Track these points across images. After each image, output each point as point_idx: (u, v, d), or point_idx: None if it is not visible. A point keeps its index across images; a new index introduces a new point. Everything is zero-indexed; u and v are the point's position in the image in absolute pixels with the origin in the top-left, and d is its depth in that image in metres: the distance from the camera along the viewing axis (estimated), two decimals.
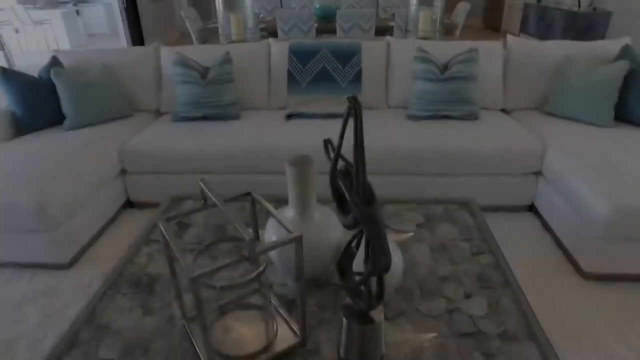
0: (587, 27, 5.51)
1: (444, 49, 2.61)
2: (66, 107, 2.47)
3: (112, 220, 2.41)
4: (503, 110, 2.72)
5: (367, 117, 2.51)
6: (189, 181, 2.39)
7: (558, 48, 2.61)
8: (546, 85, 2.62)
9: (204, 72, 2.56)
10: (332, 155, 0.96)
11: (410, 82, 2.61)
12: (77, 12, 10.20)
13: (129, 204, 2.55)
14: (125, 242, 2.24)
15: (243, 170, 2.32)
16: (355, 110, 0.82)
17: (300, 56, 2.58)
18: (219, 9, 3.14)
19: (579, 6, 5.71)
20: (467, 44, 2.62)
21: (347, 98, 0.79)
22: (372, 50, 2.64)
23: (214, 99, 2.46)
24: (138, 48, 2.81)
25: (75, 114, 2.47)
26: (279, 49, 2.68)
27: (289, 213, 1.18)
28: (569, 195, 1.95)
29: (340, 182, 0.92)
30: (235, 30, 3.12)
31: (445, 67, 2.48)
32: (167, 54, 2.76)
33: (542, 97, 2.65)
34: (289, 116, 2.48)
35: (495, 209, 2.40)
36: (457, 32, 4.78)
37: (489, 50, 2.62)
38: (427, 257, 1.40)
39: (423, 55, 2.41)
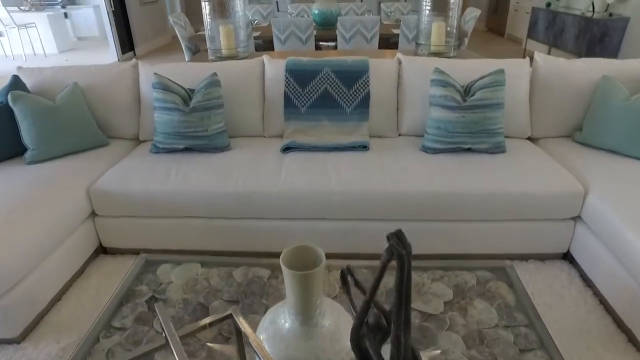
0: (602, 33, 5.20)
1: (464, 69, 2.28)
2: (26, 137, 2.12)
3: (80, 272, 2.07)
4: (530, 139, 2.39)
5: (375, 148, 2.18)
6: (171, 226, 2.05)
7: (591, 67, 2.29)
8: (579, 110, 2.29)
9: (188, 96, 2.22)
10: (351, 286, 0.63)
11: (424, 107, 2.28)
12: (66, 15, 9.82)
13: (102, 250, 2.21)
14: (95, 300, 1.90)
15: (232, 215, 1.98)
16: (401, 259, 0.48)
17: (298, 77, 2.24)
18: (206, 19, 2.79)
19: (593, 11, 5.38)
20: (491, 64, 2.29)
21: (389, 238, 0.46)
22: (380, 70, 2.31)
23: (199, 129, 2.12)
24: (114, 65, 2.47)
25: (38, 145, 2.13)
26: (274, 68, 2.34)
27: (286, 320, 0.85)
28: (616, 247, 1.63)
29: (366, 342, 0.60)
30: (226, 43, 2.77)
31: (466, 91, 2.15)
32: (147, 73, 2.41)
33: (575, 124, 2.32)
34: (286, 148, 2.14)
35: (525, 257, 2.07)
36: (466, 41, 4.45)
37: (514, 69, 2.29)
38: (462, 352, 1.08)
39: (441, 77, 2.08)
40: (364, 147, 2.12)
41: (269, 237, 2.02)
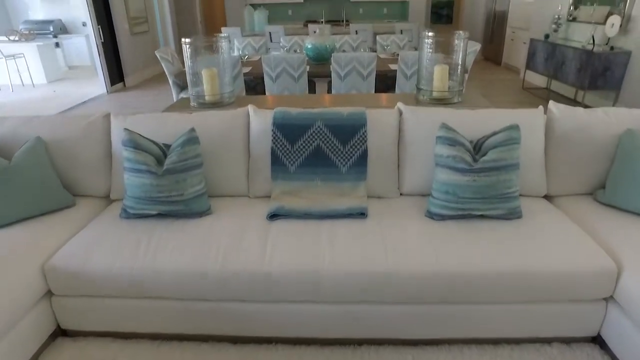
0: (604, 67, 5.05)
1: (473, 121, 2.05)
2: None
3: (35, 359, 1.77)
4: (546, 197, 2.14)
5: (374, 213, 1.92)
6: (140, 307, 1.77)
7: (613, 118, 2.06)
8: (600, 166, 2.06)
9: (162, 153, 1.97)
10: None
11: (428, 163, 2.03)
12: (57, 44, 9.68)
13: (61, 332, 1.92)
14: None
15: (210, 297, 1.70)
16: None
17: (287, 132, 2.00)
18: (187, 62, 2.56)
19: (594, 44, 5.25)
20: (502, 115, 2.06)
21: None
22: (379, 122, 2.07)
23: (173, 193, 1.86)
24: (81, 118, 2.22)
25: None
26: (260, 120, 2.10)
27: None
28: None
29: None
30: (209, 89, 2.54)
31: (476, 148, 1.92)
32: (119, 125, 2.17)
33: (596, 181, 2.09)
34: (273, 215, 1.88)
35: (548, 340, 1.80)
36: (467, 76, 4.27)
37: (527, 121, 2.06)
38: None
39: (448, 135, 1.84)
40: (362, 214, 1.86)
41: (252, 321, 1.74)
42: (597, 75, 5.08)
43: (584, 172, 2.09)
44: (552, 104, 2.13)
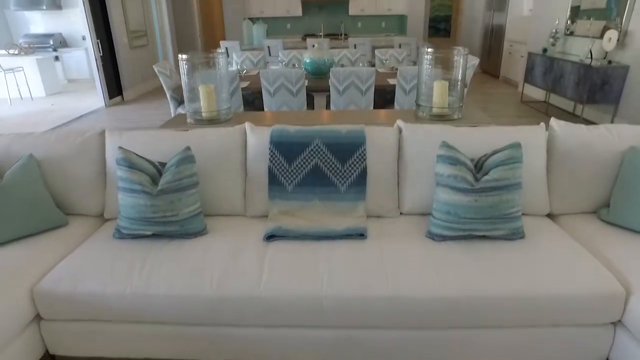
0: (602, 81, 5.05)
1: (473, 139, 2.01)
2: None
3: None
4: (549, 216, 2.10)
5: (373, 234, 1.87)
6: (132, 332, 1.71)
7: (616, 135, 2.03)
8: (604, 184, 2.02)
9: (158, 172, 1.93)
10: None
11: (429, 182, 1.99)
12: (57, 58, 9.72)
13: (50, 358, 1.85)
14: None
15: (205, 322, 1.65)
16: None
17: (285, 150, 1.96)
18: (183, 78, 2.53)
19: (592, 58, 5.26)
20: (503, 132, 2.03)
21: None
22: (379, 140, 2.03)
23: (168, 213, 1.82)
24: (76, 134, 2.18)
25: None
26: (257, 138, 2.06)
27: None
28: None
29: None
30: (206, 105, 2.51)
31: (477, 167, 1.88)
32: (114, 142, 2.13)
33: (599, 199, 2.05)
34: (270, 236, 1.83)
35: None
36: (466, 90, 4.26)
37: (529, 138, 2.03)
38: None
39: (449, 153, 1.81)
40: (361, 235, 1.81)
41: (249, 347, 1.68)
42: (596, 89, 5.08)
43: (587, 190, 2.05)
44: (553, 120, 2.10)
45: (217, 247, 1.80)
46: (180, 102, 4.55)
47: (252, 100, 4.37)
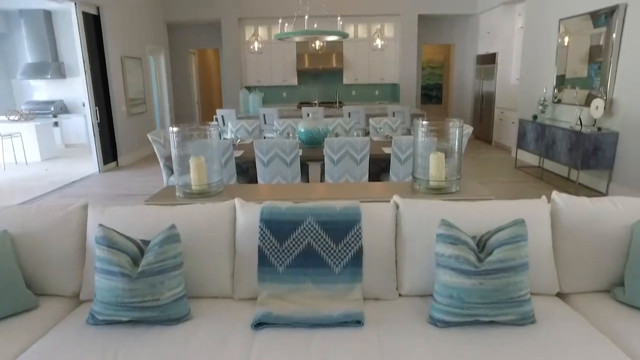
0: (594, 147, 5.10)
1: (474, 214, 1.92)
2: None
3: None
4: (559, 295, 1.97)
5: (371, 319, 1.72)
6: None
7: (622, 209, 1.95)
8: (614, 260, 1.91)
9: (140, 251, 1.80)
10: None
11: (429, 261, 1.88)
12: (56, 124, 9.87)
13: None
14: None
15: None
16: None
17: (275, 229, 1.86)
18: (173, 150, 2.48)
19: (581, 125, 5.36)
20: (504, 206, 1.95)
21: None
22: (375, 217, 1.94)
23: (147, 298, 1.67)
24: (58, 208, 2.07)
25: None
26: (247, 214, 1.96)
27: None
28: None
29: None
30: (196, 178, 2.44)
31: (480, 246, 1.77)
32: (97, 217, 2.03)
33: (612, 276, 1.93)
34: (259, 324, 1.67)
35: None
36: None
37: (531, 212, 1.94)
38: None
39: (450, 232, 1.71)
40: (358, 322, 1.66)
41: None
42: (589, 155, 5.11)
43: (596, 267, 1.93)
44: (555, 194, 2.03)
45: (200, 336, 1.64)
46: (173, 171, 4.50)
47: (246, 169, 4.33)
